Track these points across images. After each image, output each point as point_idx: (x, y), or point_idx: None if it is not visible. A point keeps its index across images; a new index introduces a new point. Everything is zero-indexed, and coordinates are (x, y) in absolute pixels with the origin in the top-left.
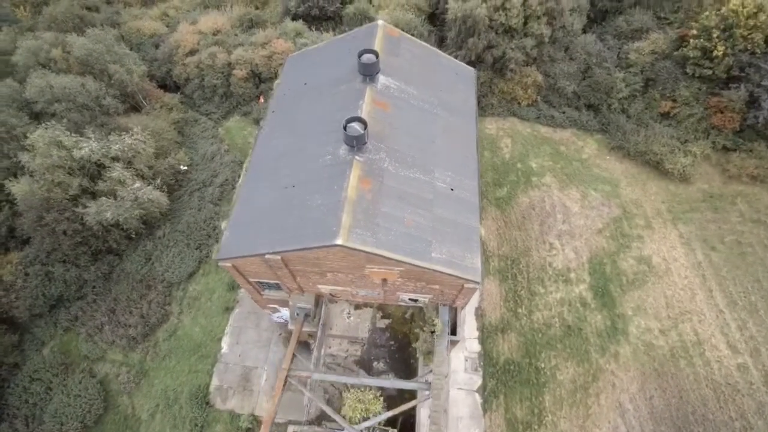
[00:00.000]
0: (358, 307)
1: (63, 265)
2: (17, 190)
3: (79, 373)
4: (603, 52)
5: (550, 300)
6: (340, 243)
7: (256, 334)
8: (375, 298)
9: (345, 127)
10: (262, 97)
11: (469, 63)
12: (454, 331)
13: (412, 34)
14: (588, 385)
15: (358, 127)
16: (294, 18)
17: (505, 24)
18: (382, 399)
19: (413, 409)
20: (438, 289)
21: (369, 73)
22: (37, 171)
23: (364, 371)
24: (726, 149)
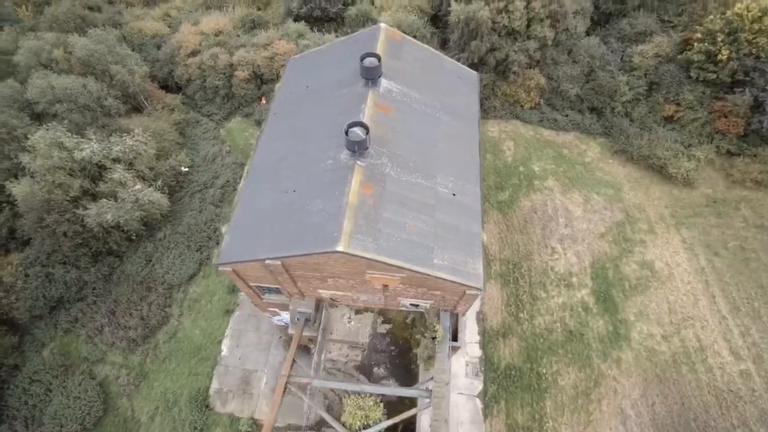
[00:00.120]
0: (358, 311)
1: (63, 267)
2: (18, 192)
3: (78, 374)
4: (606, 55)
5: (551, 305)
6: (341, 249)
7: (257, 337)
8: (376, 303)
9: (347, 132)
10: (263, 98)
11: (472, 65)
12: (455, 337)
13: (415, 36)
14: (590, 390)
15: (359, 132)
16: (296, 19)
17: (508, 26)
18: (382, 405)
19: (414, 416)
20: (439, 295)
21: (371, 76)
22: (37, 172)
23: (365, 377)
24: (730, 154)
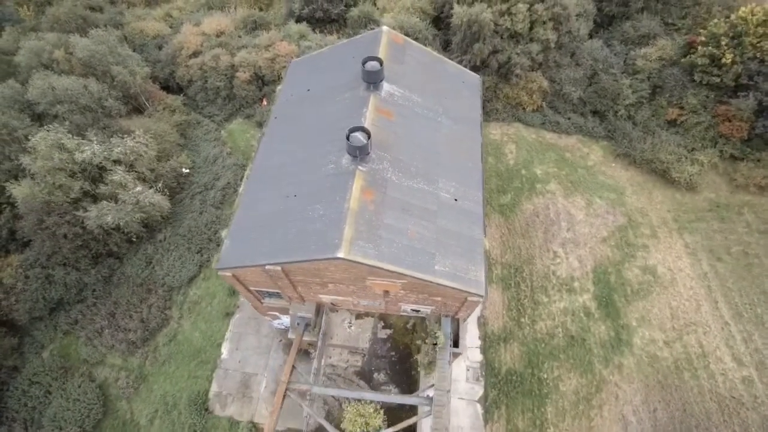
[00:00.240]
0: (359, 316)
1: (63, 268)
2: (18, 193)
3: (78, 377)
4: (609, 57)
5: (553, 309)
6: (341, 256)
7: (257, 340)
8: (376, 308)
9: (348, 137)
10: (265, 99)
11: (474, 68)
12: (456, 344)
13: (417, 38)
14: (591, 396)
15: (361, 137)
16: (298, 20)
17: (510, 29)
18: (382, 412)
19: (414, 423)
20: (441, 301)
21: (373, 80)
22: (38, 173)
23: (365, 382)
24: (734, 158)
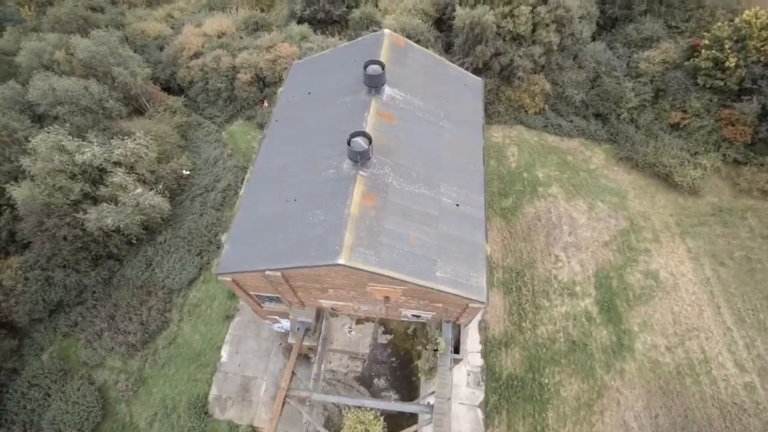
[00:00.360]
0: (359, 321)
1: (63, 270)
2: (18, 195)
3: (77, 379)
4: (612, 60)
5: (554, 314)
6: (342, 262)
7: (256, 343)
8: (377, 313)
9: (349, 142)
10: (266, 101)
11: (476, 70)
12: (457, 349)
13: (419, 40)
14: (592, 402)
15: (362, 142)
16: (299, 21)
17: (513, 31)
18: (382, 419)
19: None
20: (442, 307)
21: (374, 84)
22: (38, 175)
23: (365, 388)
24: (737, 162)
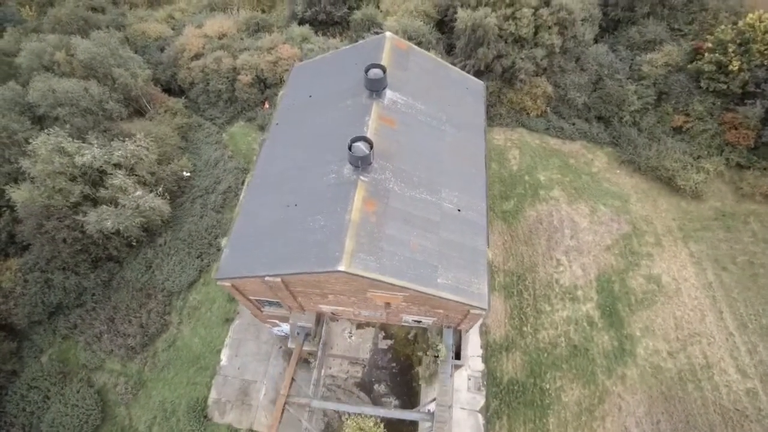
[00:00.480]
0: (360, 326)
1: (62, 273)
2: (17, 197)
3: (77, 382)
4: (615, 63)
5: (556, 318)
6: (342, 269)
7: (256, 346)
8: (377, 318)
9: (350, 147)
10: (267, 102)
11: (478, 72)
12: (458, 355)
13: (420, 42)
14: (594, 407)
15: (363, 147)
16: (301, 22)
17: (515, 34)
18: (382, 426)
19: None
20: (443, 313)
21: (376, 88)
22: (38, 177)
23: (365, 394)
24: (740, 167)
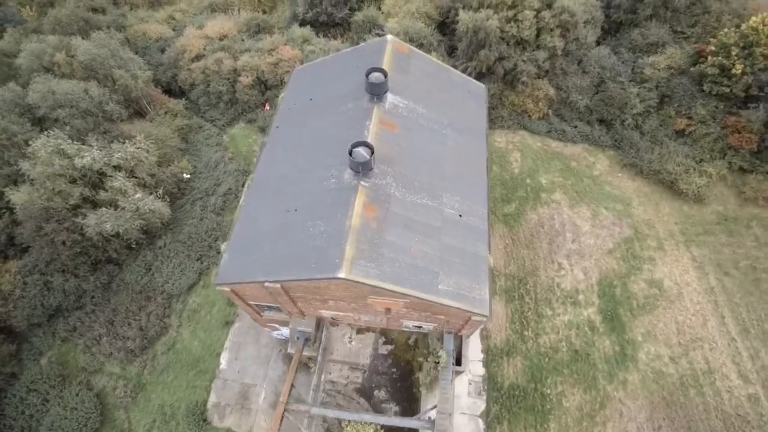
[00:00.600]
0: (360, 331)
1: (62, 275)
2: (17, 199)
3: (76, 385)
4: (617, 65)
5: (557, 323)
6: (342, 276)
7: (256, 350)
8: (378, 324)
9: (351, 153)
10: (267, 104)
11: (480, 74)
12: (458, 361)
13: (422, 44)
14: (595, 413)
15: (364, 153)
16: (302, 24)
17: (517, 36)
18: None
19: None
20: (444, 318)
21: (377, 92)
22: (37, 179)
23: (365, 400)
24: (743, 170)
